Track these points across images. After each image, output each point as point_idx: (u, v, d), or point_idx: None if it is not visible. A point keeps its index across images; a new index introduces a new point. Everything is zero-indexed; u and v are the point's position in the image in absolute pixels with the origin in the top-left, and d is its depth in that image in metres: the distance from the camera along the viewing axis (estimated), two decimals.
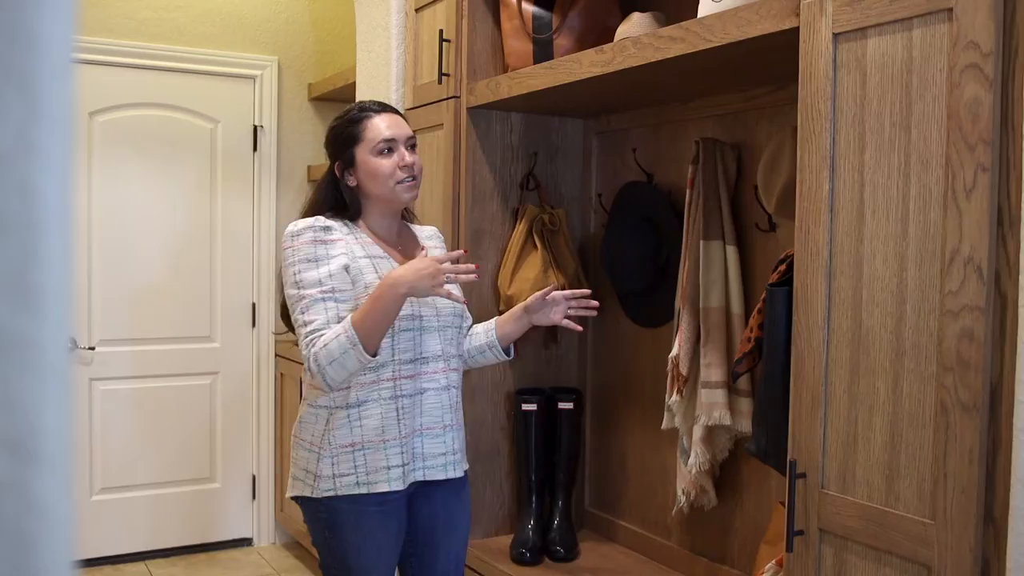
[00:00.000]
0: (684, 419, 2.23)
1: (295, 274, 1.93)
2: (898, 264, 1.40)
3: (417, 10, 2.79)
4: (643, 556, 2.55)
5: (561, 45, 2.39)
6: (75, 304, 3.75)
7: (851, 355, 1.48)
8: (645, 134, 2.55)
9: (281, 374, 4.06)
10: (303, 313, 1.90)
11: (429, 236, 2.22)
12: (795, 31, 1.56)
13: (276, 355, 4.11)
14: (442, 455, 2.04)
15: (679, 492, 2.28)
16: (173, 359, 3.94)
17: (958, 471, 1.32)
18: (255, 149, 4.07)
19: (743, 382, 2.11)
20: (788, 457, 1.58)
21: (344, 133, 2.05)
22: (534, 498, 2.62)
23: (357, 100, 3.15)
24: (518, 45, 2.46)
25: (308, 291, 1.90)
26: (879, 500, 1.44)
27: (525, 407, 2.61)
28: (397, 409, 1.97)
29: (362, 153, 2.02)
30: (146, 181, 3.86)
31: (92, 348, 3.78)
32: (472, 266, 1.94)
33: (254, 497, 4.14)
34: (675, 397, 2.21)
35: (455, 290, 1.97)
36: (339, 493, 1.95)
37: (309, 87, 4.14)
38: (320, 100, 4.13)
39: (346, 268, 1.93)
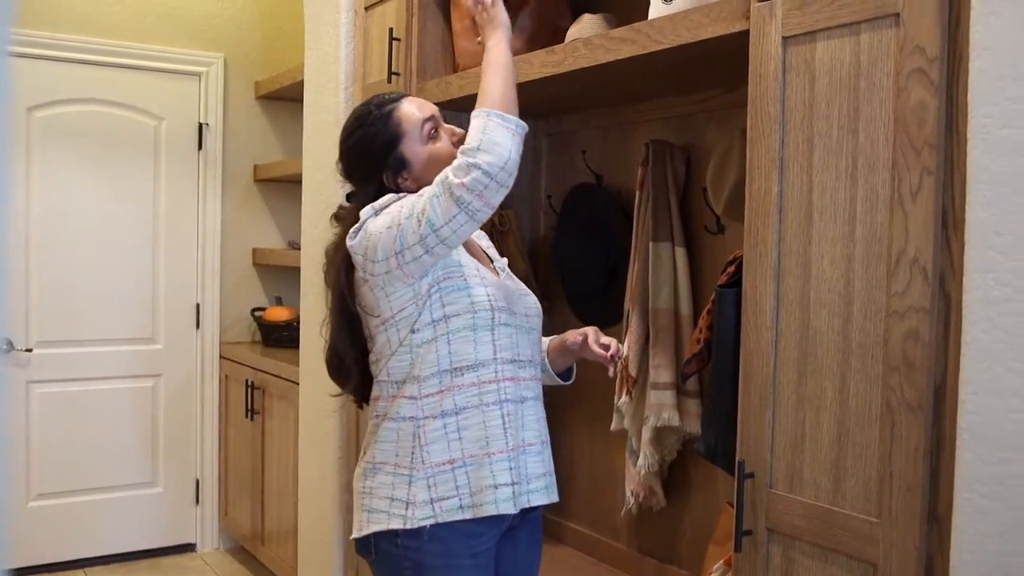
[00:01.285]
0: (633, 420, 2.23)
1: (392, 213, 1.64)
2: (845, 265, 1.42)
3: (367, 8, 2.77)
4: (592, 558, 2.55)
5: (512, 46, 2.38)
6: (9, 304, 3.65)
7: (799, 355, 1.49)
8: (595, 136, 2.55)
9: (226, 376, 4.00)
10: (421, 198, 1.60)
11: (480, 236, 1.97)
12: (745, 34, 1.57)
13: (221, 357, 4.05)
14: (543, 475, 1.76)
15: (628, 493, 2.28)
16: (114, 361, 3.86)
17: (903, 470, 1.34)
18: (200, 147, 4.01)
19: (691, 383, 2.12)
20: (736, 457, 1.58)
21: (379, 137, 1.76)
22: None
23: (305, 99, 3.12)
24: (469, 45, 2.45)
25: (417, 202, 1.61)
26: (826, 499, 1.45)
27: None
28: (503, 415, 1.69)
29: (411, 147, 1.76)
30: (87, 179, 3.78)
31: (29, 350, 3.69)
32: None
33: (198, 502, 4.07)
34: (624, 398, 2.22)
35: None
36: (440, 520, 1.65)
37: (256, 85, 4.09)
38: (267, 98, 4.08)
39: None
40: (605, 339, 1.84)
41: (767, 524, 1.54)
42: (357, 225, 1.68)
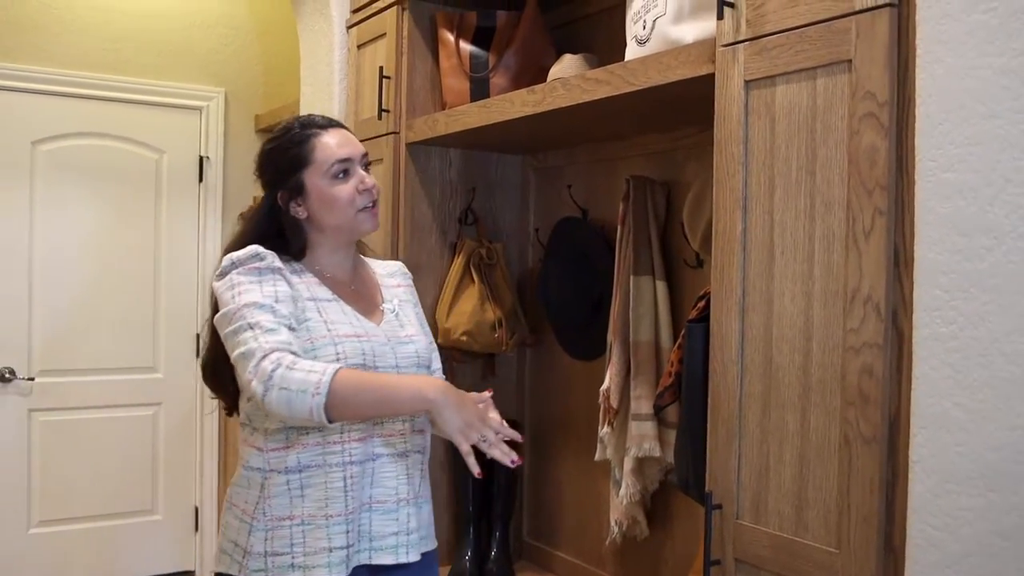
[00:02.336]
0: (615, 450, 2.27)
1: (234, 297, 1.65)
2: (805, 302, 1.46)
3: (359, 46, 2.84)
4: None
5: (497, 84, 2.45)
6: (11, 334, 3.72)
7: (763, 389, 1.53)
8: (580, 171, 2.60)
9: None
10: (253, 329, 1.60)
11: (392, 273, 1.97)
12: (711, 77, 1.63)
13: None
14: (393, 535, 1.73)
15: (612, 523, 2.31)
16: (115, 390, 3.91)
17: (860, 501, 1.37)
18: (201, 180, 4.08)
19: (671, 414, 2.16)
20: (705, 488, 1.62)
21: (288, 155, 1.76)
22: (471, 529, 2.65)
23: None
24: (456, 83, 2.51)
25: (258, 311, 1.62)
26: (789, 530, 1.48)
27: None
28: (345, 478, 1.68)
29: (313, 178, 1.75)
30: (89, 211, 3.85)
31: (31, 379, 3.74)
32: (515, 454, 1.69)
33: (197, 529, 4.11)
34: (606, 429, 2.25)
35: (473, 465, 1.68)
36: (270, 575, 1.66)
37: (256, 118, 4.17)
38: (267, 131, 4.13)
39: (292, 299, 1.69)
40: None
41: (735, 554, 1.57)
42: (218, 272, 1.73)
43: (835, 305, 1.41)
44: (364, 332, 1.76)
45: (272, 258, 1.72)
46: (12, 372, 3.70)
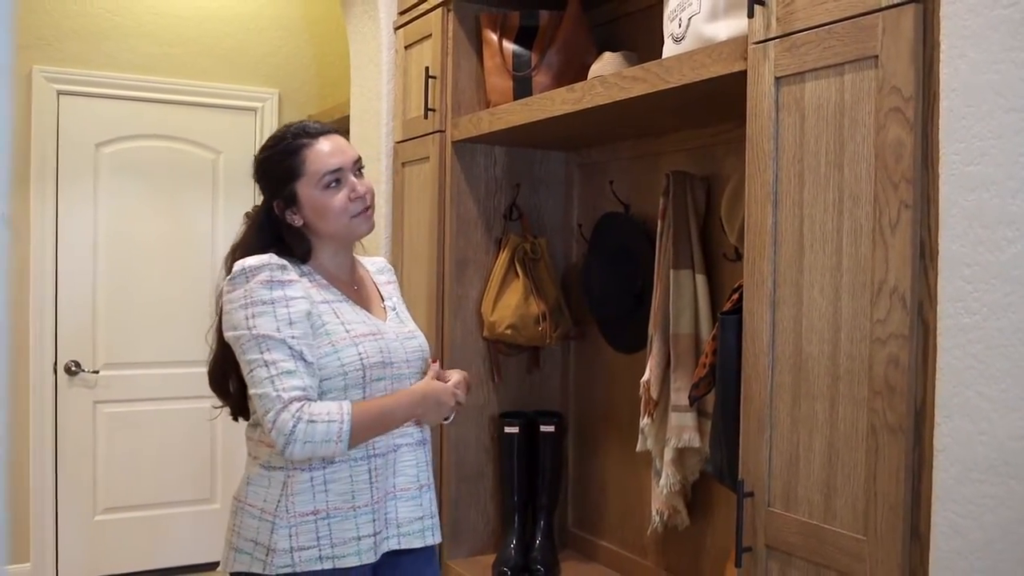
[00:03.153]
0: (656, 441, 2.30)
1: (248, 319, 1.67)
2: (834, 294, 1.49)
3: (406, 47, 2.91)
4: (622, 575, 2.62)
5: (540, 82, 2.50)
6: (78, 330, 3.87)
7: (793, 380, 1.56)
8: (622, 167, 2.64)
9: None
10: (269, 368, 1.65)
11: (381, 270, 2.06)
12: (743, 74, 1.66)
13: None
14: (419, 519, 1.84)
15: (653, 513, 2.35)
16: (175, 382, 4.05)
17: (887, 490, 1.40)
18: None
19: (710, 405, 2.19)
20: (738, 477, 1.66)
21: (281, 167, 1.79)
22: (516, 518, 2.70)
23: (351, 133, 3.27)
24: (499, 82, 2.57)
25: (274, 345, 1.65)
26: (818, 517, 1.51)
27: (507, 430, 2.69)
28: (369, 471, 1.76)
29: (306, 188, 1.78)
30: (150, 210, 3.99)
31: (96, 372, 3.90)
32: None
33: None
34: (646, 420, 2.29)
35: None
36: (298, 570, 1.69)
37: (309, 118, 4.25)
38: None
39: (307, 314, 1.72)
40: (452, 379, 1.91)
41: (766, 541, 1.60)
42: (229, 278, 1.74)
43: (862, 297, 1.44)
44: (377, 330, 1.82)
45: (286, 269, 1.73)
46: (78, 365, 3.86)
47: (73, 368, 3.85)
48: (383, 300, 1.97)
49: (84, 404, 3.90)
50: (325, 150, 1.80)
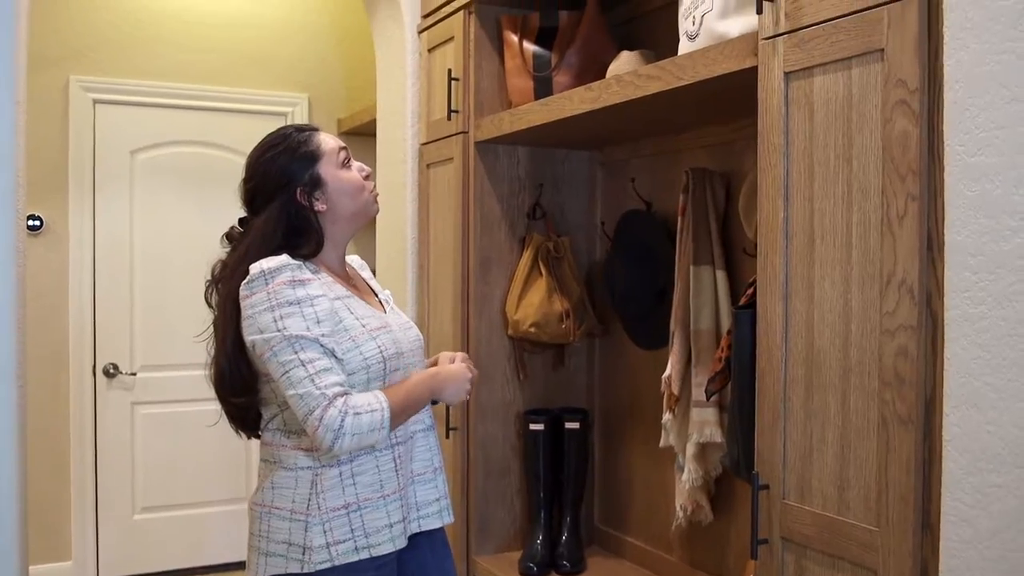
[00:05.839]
0: (678, 437, 2.32)
1: (276, 320, 1.67)
2: (844, 287, 1.50)
3: (430, 50, 2.95)
4: (647, 571, 2.63)
5: (560, 82, 2.52)
6: (116, 332, 3.95)
7: (805, 372, 1.57)
8: (643, 164, 2.66)
9: None
10: (306, 367, 1.65)
11: (362, 266, 2.08)
12: (754, 70, 1.67)
13: None
14: (436, 501, 1.91)
15: (678, 508, 2.36)
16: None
17: (898, 481, 1.41)
18: None
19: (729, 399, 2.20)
20: (753, 470, 1.67)
21: (299, 153, 1.82)
22: (543, 514, 2.73)
23: (378, 136, 3.31)
24: (520, 82, 2.59)
25: (307, 344, 1.67)
26: (832, 509, 1.52)
27: (533, 427, 2.72)
28: (394, 459, 1.81)
29: (327, 167, 1.83)
30: (184, 214, 4.07)
31: (134, 374, 3.98)
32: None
33: None
34: (668, 416, 2.31)
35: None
36: (336, 563, 1.71)
37: (338, 122, 4.33)
38: (349, 134, 4.31)
39: (330, 311, 1.73)
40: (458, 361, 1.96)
41: (781, 533, 1.62)
42: (247, 281, 1.73)
43: (872, 289, 1.45)
44: (386, 323, 1.86)
45: (302, 269, 1.74)
46: (116, 368, 3.95)
47: (111, 370, 3.94)
48: (376, 294, 2.01)
49: (122, 405, 3.99)
50: (328, 137, 1.90)
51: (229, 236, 1.93)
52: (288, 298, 1.69)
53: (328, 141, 1.87)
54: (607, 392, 2.85)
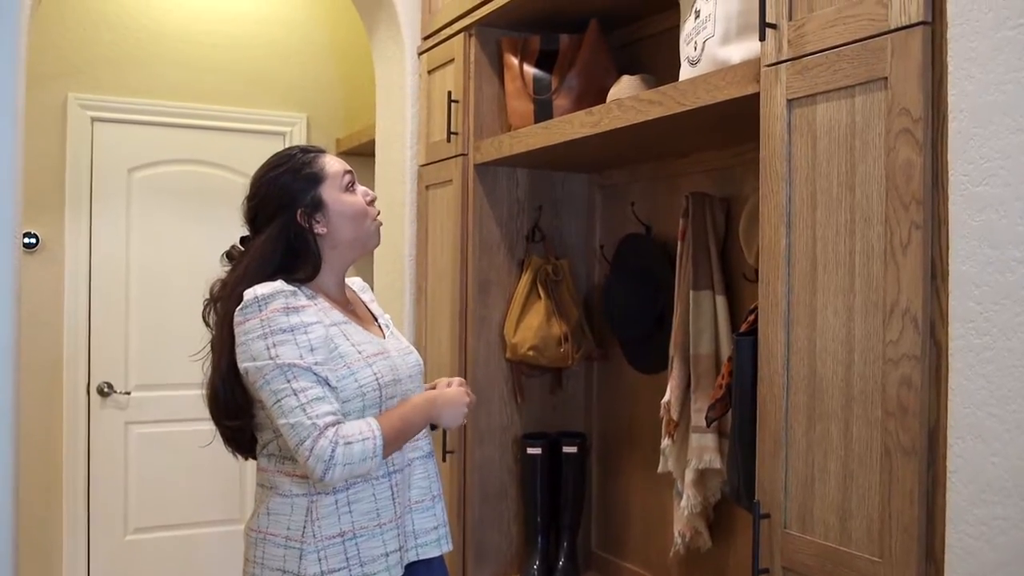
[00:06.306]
0: (677, 463, 2.30)
1: (269, 348, 1.65)
2: (847, 315, 1.49)
3: (430, 72, 2.95)
4: None
5: (560, 105, 2.52)
6: (110, 351, 3.93)
7: (807, 401, 1.56)
8: (643, 188, 2.66)
9: None
10: (298, 396, 1.63)
11: (363, 289, 2.06)
12: (756, 96, 1.67)
13: None
14: (434, 529, 1.88)
15: (676, 534, 2.35)
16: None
17: (901, 511, 1.39)
18: None
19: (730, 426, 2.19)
20: (754, 498, 1.66)
21: (302, 174, 1.79)
22: (539, 539, 2.71)
23: (377, 156, 3.31)
24: (520, 105, 2.59)
25: (300, 373, 1.64)
26: (834, 539, 1.51)
27: (530, 451, 2.70)
28: (391, 487, 1.79)
29: (330, 191, 1.81)
30: (181, 233, 4.05)
31: (128, 393, 3.95)
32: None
33: None
34: (667, 441, 2.29)
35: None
36: None
37: (337, 142, 4.32)
38: (347, 154, 4.30)
39: (325, 339, 1.71)
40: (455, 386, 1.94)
41: (783, 563, 1.60)
42: (242, 307, 1.71)
43: (875, 317, 1.44)
44: (384, 349, 1.84)
45: (297, 295, 1.72)
46: (110, 387, 3.92)
47: (106, 389, 3.92)
48: (376, 319, 1.98)
49: (116, 425, 3.95)
50: (333, 160, 1.88)
51: (229, 255, 1.91)
52: (282, 325, 1.67)
53: (333, 164, 1.86)
54: (605, 416, 2.84)
